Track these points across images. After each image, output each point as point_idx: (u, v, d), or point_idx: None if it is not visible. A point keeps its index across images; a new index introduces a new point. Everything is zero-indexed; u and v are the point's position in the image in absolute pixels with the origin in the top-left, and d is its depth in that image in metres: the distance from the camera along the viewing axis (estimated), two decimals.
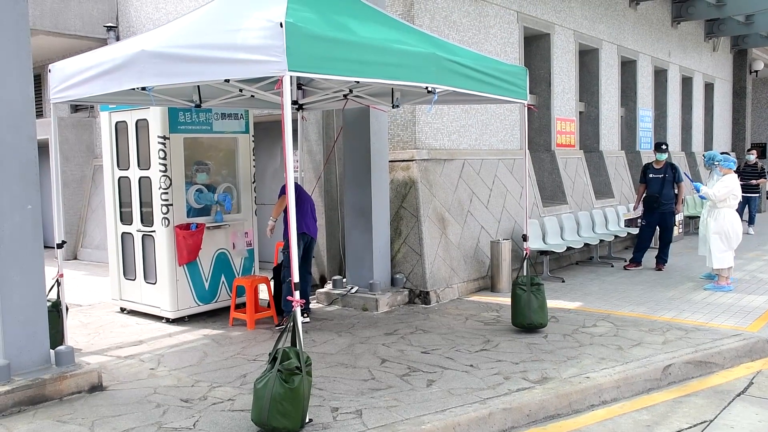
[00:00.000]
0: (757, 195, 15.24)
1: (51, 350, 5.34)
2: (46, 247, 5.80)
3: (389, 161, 8.54)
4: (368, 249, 8.21)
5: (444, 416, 4.62)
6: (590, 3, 12.86)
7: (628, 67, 14.75)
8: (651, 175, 10.46)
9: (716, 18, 17.40)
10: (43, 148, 13.12)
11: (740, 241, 8.71)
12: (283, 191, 7.04)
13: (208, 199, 7.69)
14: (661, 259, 10.43)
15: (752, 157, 15.47)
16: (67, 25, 12.00)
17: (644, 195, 10.58)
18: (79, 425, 4.65)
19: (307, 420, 4.42)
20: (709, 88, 19.49)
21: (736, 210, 8.75)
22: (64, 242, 5.95)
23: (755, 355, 6.28)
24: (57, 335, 5.75)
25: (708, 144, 19.66)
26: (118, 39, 12.28)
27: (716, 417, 4.93)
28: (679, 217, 13.55)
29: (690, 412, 5.02)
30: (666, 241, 10.46)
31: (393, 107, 7.15)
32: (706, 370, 5.89)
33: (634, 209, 10.92)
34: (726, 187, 8.51)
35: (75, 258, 13.29)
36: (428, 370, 5.65)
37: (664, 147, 10.52)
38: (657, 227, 10.58)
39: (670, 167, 10.39)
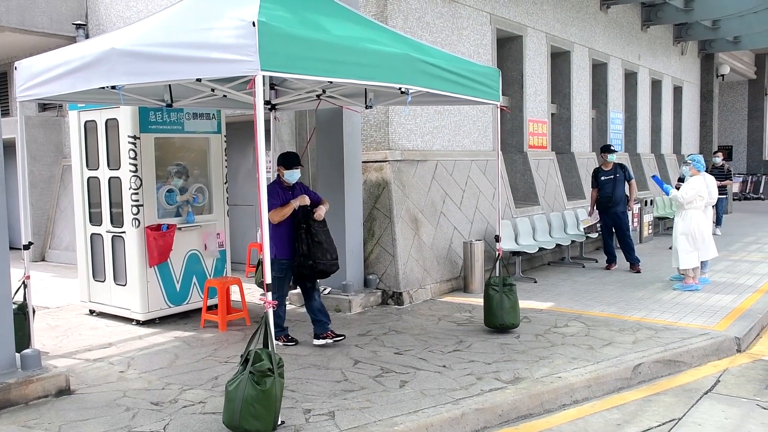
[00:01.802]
0: (724, 196, 15.51)
1: (17, 354, 5.23)
2: (12, 248, 5.69)
3: (362, 162, 8.53)
4: (341, 250, 8.16)
5: (417, 417, 4.63)
6: (562, 6, 13.00)
7: (599, 70, 14.93)
8: (602, 178, 10.47)
9: (684, 22, 17.74)
10: (9, 147, 12.85)
11: (708, 242, 8.82)
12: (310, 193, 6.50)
13: (173, 200, 7.59)
14: (634, 260, 10.42)
15: (718, 159, 15.76)
16: (34, 21, 11.78)
17: (597, 199, 10.55)
18: (45, 430, 4.56)
19: (279, 422, 4.39)
20: (677, 91, 19.82)
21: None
22: (31, 243, 5.84)
23: (722, 354, 6.39)
24: (23, 338, 5.63)
25: (677, 146, 19.99)
26: (87, 37, 12.09)
27: (684, 415, 5.00)
28: (648, 218, 13.75)
29: (659, 410, 5.09)
30: (626, 243, 10.42)
31: (366, 108, 7.15)
32: (674, 369, 5.97)
33: (590, 215, 10.86)
34: (692, 189, 8.62)
35: (43, 260, 13.06)
36: (401, 371, 5.65)
37: (612, 148, 10.61)
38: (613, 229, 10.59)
39: (619, 167, 10.46)
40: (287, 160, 6.34)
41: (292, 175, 6.31)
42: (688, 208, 8.68)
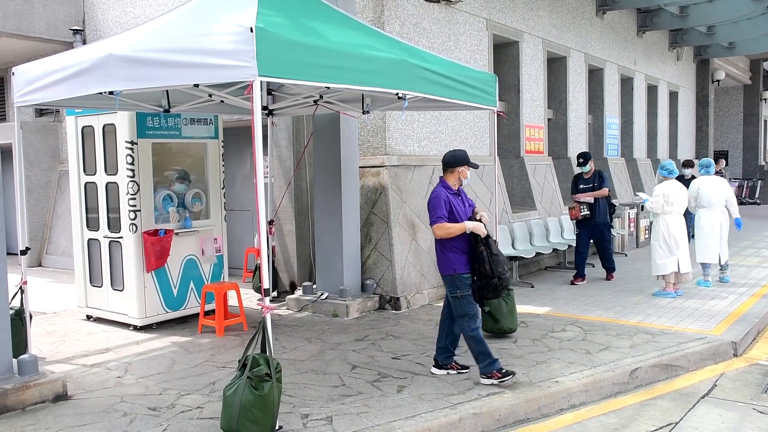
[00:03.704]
0: None
1: (14, 359, 5.23)
2: (9, 253, 5.68)
3: (359, 167, 8.54)
4: (338, 255, 8.20)
5: (415, 422, 4.63)
6: (558, 12, 13.05)
7: (595, 75, 14.98)
8: (581, 186, 9.93)
9: (680, 28, 17.82)
10: (6, 152, 12.93)
11: (684, 247, 8.70)
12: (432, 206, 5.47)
13: (166, 209, 7.57)
14: (611, 268, 10.05)
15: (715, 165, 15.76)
16: (31, 27, 11.79)
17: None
18: None
19: (277, 427, 4.39)
20: (673, 96, 19.89)
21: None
22: (28, 249, 5.83)
23: (718, 358, 6.41)
24: (20, 344, 5.63)
25: (673, 151, 20.05)
26: (84, 42, 12.11)
27: (681, 419, 5.02)
28: (644, 223, 13.78)
29: (656, 414, 5.10)
30: (606, 254, 10.00)
31: (363, 113, 7.17)
32: (671, 373, 5.99)
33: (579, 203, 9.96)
34: (656, 195, 8.66)
35: (40, 265, 13.03)
36: (399, 375, 5.65)
37: (581, 161, 9.94)
38: (591, 240, 10.04)
39: (599, 176, 9.87)
40: (465, 158, 5.55)
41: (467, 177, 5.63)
42: (662, 215, 8.67)
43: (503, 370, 5.35)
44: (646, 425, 4.91)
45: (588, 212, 9.83)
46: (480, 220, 5.42)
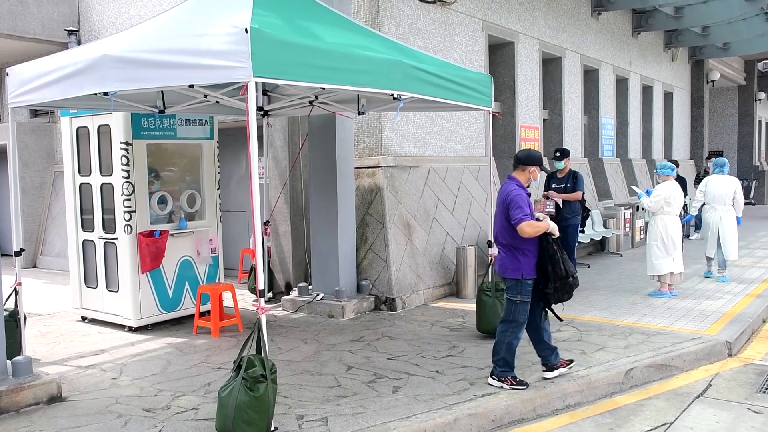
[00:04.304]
0: None
1: (8, 361, 5.21)
2: (3, 254, 5.67)
3: (355, 168, 8.54)
4: (334, 256, 8.19)
5: (410, 422, 4.63)
6: (553, 12, 13.07)
7: (590, 76, 15.01)
8: (554, 186, 9.30)
9: (674, 29, 17.86)
10: (1, 153, 12.88)
11: (680, 248, 8.72)
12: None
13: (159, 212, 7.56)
14: None
15: (710, 164, 15.81)
16: (26, 28, 11.75)
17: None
18: None
19: (272, 428, 4.38)
20: (668, 97, 19.94)
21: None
22: (22, 250, 5.81)
23: (713, 358, 6.42)
24: (14, 345, 5.61)
25: (668, 152, 20.09)
26: (79, 43, 12.07)
27: (676, 419, 5.03)
28: (639, 223, 13.81)
29: (651, 414, 5.11)
30: (570, 260, 9.44)
31: (359, 114, 7.18)
32: (666, 373, 6.00)
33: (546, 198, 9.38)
34: (657, 195, 8.67)
35: (34, 266, 12.99)
36: (394, 376, 5.65)
37: (558, 155, 9.38)
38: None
39: (573, 176, 9.23)
40: (540, 159, 5.43)
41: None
42: (659, 214, 8.70)
43: (518, 378, 5.34)
44: (641, 425, 4.92)
45: (553, 210, 9.08)
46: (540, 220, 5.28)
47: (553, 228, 5.21)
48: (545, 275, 5.22)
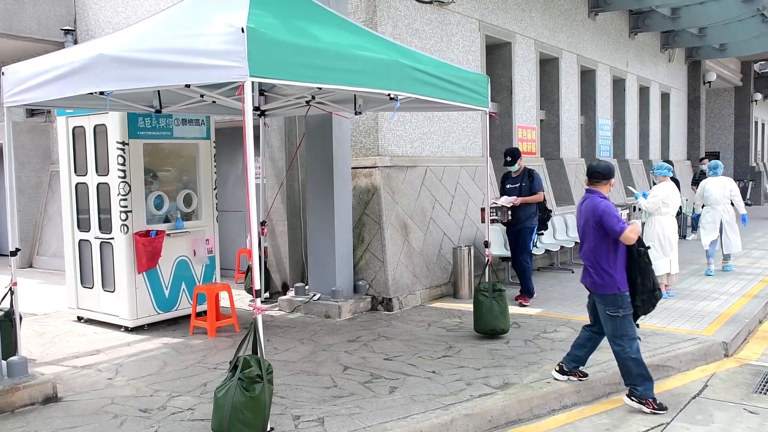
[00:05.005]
0: None
1: (3, 361, 5.20)
2: None
3: (352, 168, 8.53)
4: (331, 256, 8.19)
5: (406, 423, 4.62)
6: (550, 13, 13.08)
7: (587, 77, 15.02)
8: (508, 186, 8.61)
9: (671, 30, 17.88)
10: None
11: (676, 248, 8.69)
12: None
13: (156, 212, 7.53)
14: (527, 289, 8.56)
15: (704, 166, 15.79)
16: (22, 27, 11.73)
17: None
18: None
19: (268, 428, 4.37)
20: (665, 97, 19.97)
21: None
22: (18, 249, 5.80)
23: (710, 359, 6.43)
24: (10, 345, 5.58)
25: (665, 152, 20.13)
26: (76, 42, 12.05)
27: (673, 419, 5.03)
28: (636, 223, 13.78)
29: (648, 415, 5.10)
30: (521, 266, 8.47)
31: (355, 114, 7.17)
32: (663, 374, 6.00)
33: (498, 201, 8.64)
34: (654, 196, 8.69)
35: (30, 266, 12.96)
36: (391, 377, 5.65)
37: (509, 159, 8.51)
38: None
39: (528, 174, 8.48)
40: (613, 169, 5.39)
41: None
42: (656, 215, 8.71)
43: (657, 401, 5.15)
44: (637, 426, 4.92)
45: (500, 218, 8.46)
46: None
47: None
48: (633, 288, 5.15)
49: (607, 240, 5.08)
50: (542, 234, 8.95)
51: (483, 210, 8.20)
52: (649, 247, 5.27)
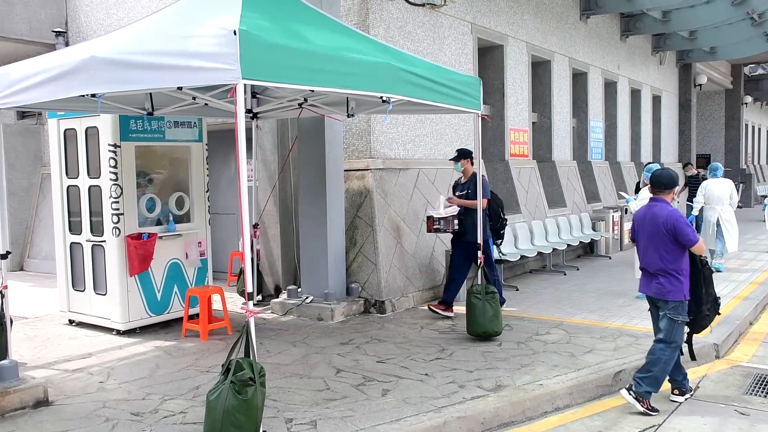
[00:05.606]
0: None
1: None
2: None
3: (344, 170, 8.53)
4: (323, 258, 8.18)
5: (399, 425, 4.62)
6: (542, 16, 13.12)
7: (579, 79, 15.08)
8: (457, 193, 8.01)
9: (662, 33, 17.98)
10: None
11: None
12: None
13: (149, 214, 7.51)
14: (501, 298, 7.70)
15: (688, 173, 15.79)
16: (12, 28, 11.67)
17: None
18: None
19: None
20: (656, 100, 20.06)
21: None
22: (8, 252, 5.76)
23: (701, 360, 6.45)
24: (0, 349, 5.55)
25: (656, 155, 20.21)
26: (67, 45, 12.00)
27: (664, 421, 5.05)
28: (628, 226, 13.85)
29: (639, 417, 5.12)
30: (491, 281, 7.19)
31: (348, 116, 7.17)
32: None
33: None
34: (643, 199, 8.74)
35: (21, 269, 12.89)
36: (383, 379, 5.65)
37: (455, 155, 8.06)
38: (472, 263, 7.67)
39: (475, 182, 7.50)
40: (676, 177, 5.42)
41: None
42: None
43: (651, 404, 5.23)
44: (629, 428, 4.93)
45: (443, 227, 7.87)
46: None
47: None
48: (697, 298, 5.25)
49: (677, 248, 5.17)
50: (499, 244, 8.42)
51: (430, 219, 7.90)
52: (707, 259, 5.37)
